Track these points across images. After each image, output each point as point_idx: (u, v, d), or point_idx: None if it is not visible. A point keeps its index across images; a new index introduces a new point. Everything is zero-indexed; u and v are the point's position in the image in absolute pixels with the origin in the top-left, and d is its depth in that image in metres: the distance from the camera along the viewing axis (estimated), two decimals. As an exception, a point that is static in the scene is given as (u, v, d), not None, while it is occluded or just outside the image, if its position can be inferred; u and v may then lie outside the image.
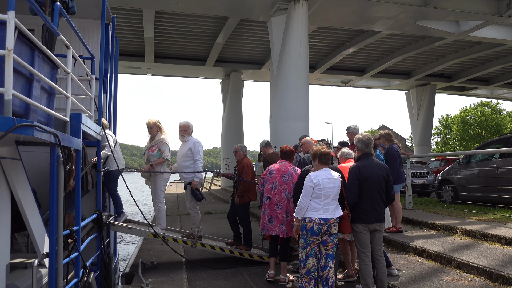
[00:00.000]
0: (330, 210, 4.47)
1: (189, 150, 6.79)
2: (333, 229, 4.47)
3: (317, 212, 4.44)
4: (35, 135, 2.91)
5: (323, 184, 4.44)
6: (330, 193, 4.47)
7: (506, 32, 19.04)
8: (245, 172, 6.87)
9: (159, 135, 6.83)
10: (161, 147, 6.74)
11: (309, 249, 4.50)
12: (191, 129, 6.98)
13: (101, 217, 5.68)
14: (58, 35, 3.96)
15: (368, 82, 30.03)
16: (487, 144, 10.73)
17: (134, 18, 18.42)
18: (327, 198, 4.46)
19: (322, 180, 4.47)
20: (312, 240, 4.47)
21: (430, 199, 12.40)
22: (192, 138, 6.95)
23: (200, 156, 6.79)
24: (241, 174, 6.90)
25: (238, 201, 6.85)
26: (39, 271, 3.74)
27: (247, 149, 7.35)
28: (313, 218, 4.42)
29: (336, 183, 4.53)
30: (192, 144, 6.82)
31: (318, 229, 4.42)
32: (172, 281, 5.83)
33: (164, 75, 29.57)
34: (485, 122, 46.17)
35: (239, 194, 6.84)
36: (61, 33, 4.07)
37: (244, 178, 6.83)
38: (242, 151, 7.13)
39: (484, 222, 7.26)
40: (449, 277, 5.07)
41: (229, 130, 27.10)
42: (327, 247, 4.49)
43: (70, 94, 4.21)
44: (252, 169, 7.09)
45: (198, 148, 6.79)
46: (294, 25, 14.93)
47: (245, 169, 6.90)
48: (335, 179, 4.54)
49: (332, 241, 4.50)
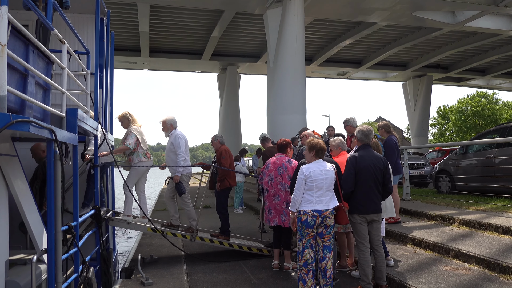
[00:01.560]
0: (324, 201, 4.49)
1: (171, 145, 6.77)
2: (328, 221, 4.48)
3: (311, 204, 4.48)
4: (31, 131, 2.90)
5: (314, 176, 4.48)
6: (323, 184, 4.49)
7: (502, 22, 19.02)
8: (223, 157, 6.95)
9: (130, 127, 6.79)
10: (127, 136, 6.70)
11: (305, 241, 4.54)
12: (168, 123, 6.85)
13: (99, 213, 5.68)
14: (52, 30, 3.93)
15: (364, 74, 30.05)
16: (484, 134, 10.75)
17: (129, 12, 18.30)
18: (319, 190, 4.48)
19: (314, 172, 4.50)
20: (307, 232, 4.50)
21: (428, 189, 12.44)
22: (175, 131, 6.85)
23: (181, 150, 6.68)
24: (220, 160, 6.95)
25: (219, 187, 6.91)
26: (38, 267, 3.74)
27: (223, 139, 7.34)
28: (307, 210, 4.46)
29: (329, 174, 4.54)
30: (174, 138, 6.77)
31: (312, 221, 4.45)
32: (172, 275, 5.84)
33: (160, 69, 29.49)
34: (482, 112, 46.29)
35: (219, 179, 6.91)
36: (56, 28, 4.04)
37: (223, 162, 6.89)
38: (217, 140, 7.18)
39: (481, 212, 7.30)
40: (447, 266, 5.10)
41: (226, 124, 27.08)
42: (323, 239, 4.52)
43: (65, 90, 4.19)
44: (231, 155, 7.14)
45: (178, 141, 6.71)
46: (290, 17, 14.87)
47: (223, 154, 6.98)
48: (327, 170, 4.56)
49: (328, 233, 4.52)
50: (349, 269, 5.62)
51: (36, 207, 4.17)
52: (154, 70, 29.67)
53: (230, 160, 7.06)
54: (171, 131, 6.86)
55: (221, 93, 28.63)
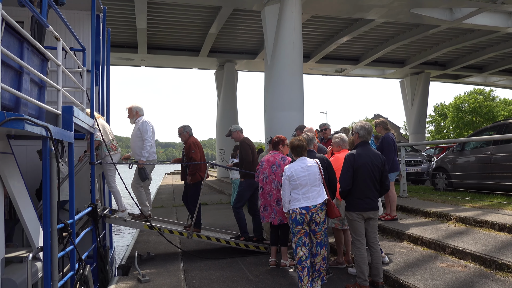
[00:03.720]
0: (311, 197, 4.57)
1: (138, 131, 6.74)
2: (318, 218, 4.56)
3: (298, 202, 4.58)
4: (26, 129, 2.88)
5: (296, 174, 4.59)
6: (307, 181, 4.58)
7: (500, 19, 19.01)
8: (192, 151, 6.89)
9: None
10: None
11: (296, 239, 4.62)
12: (134, 110, 6.85)
13: (95, 210, 5.68)
14: (47, 27, 3.91)
15: (362, 71, 29.99)
16: (481, 132, 10.77)
17: (125, 8, 18.19)
18: (304, 187, 4.57)
19: (295, 170, 4.62)
20: (297, 230, 4.59)
21: (425, 187, 12.47)
22: (141, 118, 6.86)
23: (148, 135, 6.65)
24: (189, 154, 6.90)
25: (190, 180, 6.88)
26: (34, 265, 3.73)
27: (191, 129, 7.21)
28: (295, 209, 4.58)
29: (311, 170, 4.61)
30: (141, 124, 6.75)
31: (301, 219, 4.55)
32: (169, 272, 5.85)
33: (158, 66, 29.33)
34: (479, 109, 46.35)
35: (190, 173, 6.88)
36: (51, 25, 4.01)
37: (193, 156, 6.83)
38: (186, 131, 7.11)
39: (478, 209, 7.32)
40: (444, 263, 5.12)
41: (224, 121, 26.99)
42: (316, 236, 4.62)
43: (61, 87, 4.17)
44: (200, 147, 7.06)
45: (146, 127, 6.69)
46: (287, 14, 14.83)
47: (192, 148, 6.91)
48: (308, 166, 4.63)
49: (320, 230, 4.60)
50: (345, 265, 5.64)
51: (32, 204, 4.16)
52: (151, 67, 29.53)
53: (200, 153, 7.00)
54: (137, 118, 6.84)
55: (219, 90, 28.54)
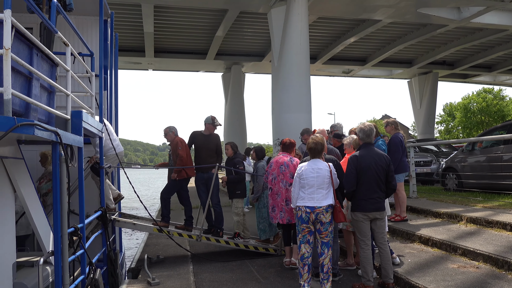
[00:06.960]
0: (316, 198, 4.61)
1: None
2: (323, 218, 4.58)
3: (303, 201, 4.66)
4: (36, 134, 2.91)
5: (305, 174, 4.67)
6: (314, 182, 4.62)
7: (508, 18, 18.82)
8: (179, 147, 6.94)
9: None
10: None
11: (301, 236, 4.69)
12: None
13: (105, 214, 5.71)
14: (56, 33, 3.95)
15: (369, 71, 29.87)
16: (491, 131, 10.66)
17: (133, 13, 18.33)
18: (311, 187, 4.63)
19: (306, 170, 4.69)
20: (302, 228, 4.66)
21: (434, 187, 12.36)
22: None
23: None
24: (176, 151, 6.94)
25: (176, 177, 6.89)
26: (46, 269, 3.76)
27: (177, 129, 7.25)
28: (300, 207, 4.66)
29: (320, 173, 4.64)
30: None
31: (306, 217, 4.60)
32: (179, 275, 5.86)
33: (165, 69, 29.51)
34: (487, 108, 45.81)
35: (176, 170, 6.90)
36: (59, 30, 4.05)
37: (180, 153, 6.87)
38: (171, 131, 7.15)
39: (489, 209, 7.24)
40: (455, 264, 5.07)
41: (231, 123, 27.05)
42: (321, 236, 4.63)
43: (70, 92, 4.20)
44: (186, 145, 7.09)
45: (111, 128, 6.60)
46: (294, 16, 14.83)
47: (178, 145, 6.96)
48: (319, 168, 4.67)
49: (325, 230, 4.61)
50: (355, 267, 5.61)
51: (43, 209, 4.19)
52: (159, 70, 29.70)
53: (186, 150, 7.03)
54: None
55: (226, 93, 28.60)
